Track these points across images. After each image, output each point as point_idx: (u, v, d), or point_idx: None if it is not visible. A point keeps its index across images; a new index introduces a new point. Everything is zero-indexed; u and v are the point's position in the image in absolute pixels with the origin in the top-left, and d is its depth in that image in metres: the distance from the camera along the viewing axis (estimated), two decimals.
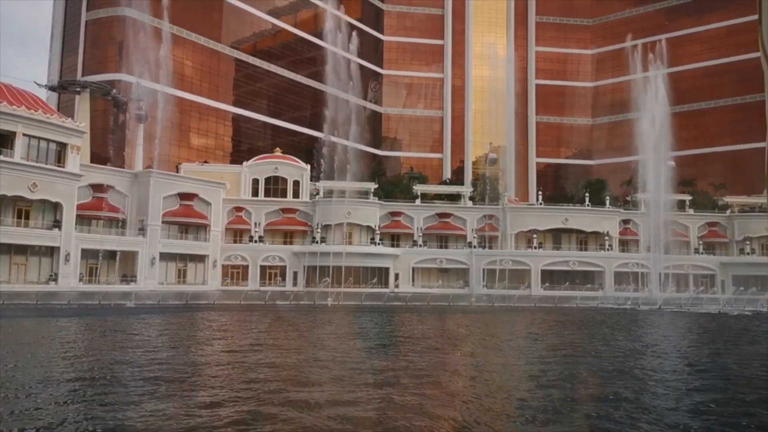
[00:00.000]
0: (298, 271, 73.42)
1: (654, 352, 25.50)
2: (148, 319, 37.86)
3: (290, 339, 28.74)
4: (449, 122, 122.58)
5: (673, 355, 24.60)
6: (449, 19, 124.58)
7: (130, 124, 78.69)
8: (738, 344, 29.04)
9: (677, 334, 35.05)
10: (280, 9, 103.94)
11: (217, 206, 71.45)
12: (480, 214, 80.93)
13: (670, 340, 30.93)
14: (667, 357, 23.95)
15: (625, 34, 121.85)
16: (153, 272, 63.93)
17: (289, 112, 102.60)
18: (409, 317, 43.94)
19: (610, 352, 24.78)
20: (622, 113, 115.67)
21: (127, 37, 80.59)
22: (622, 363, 21.37)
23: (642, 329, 37.31)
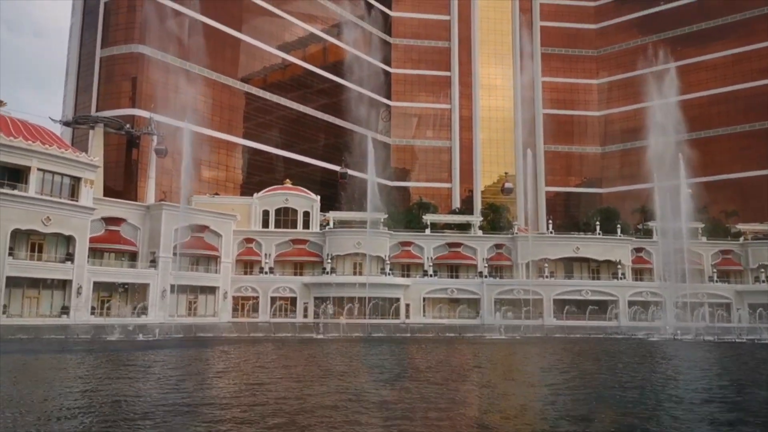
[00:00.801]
0: (309, 302, 73.13)
1: (682, 384, 24.89)
2: (158, 354, 37.70)
3: (294, 374, 28.44)
4: (457, 152, 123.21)
5: (706, 392, 23.84)
6: (455, 51, 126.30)
7: (142, 157, 79.71)
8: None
9: (700, 365, 34.33)
10: (289, 44, 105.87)
11: (228, 238, 71.69)
12: (490, 243, 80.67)
13: (694, 372, 30.18)
14: (701, 392, 23.36)
15: (630, 63, 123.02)
16: (164, 304, 63.84)
17: (298, 144, 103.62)
18: (425, 348, 43.46)
19: (635, 384, 24.18)
20: (630, 141, 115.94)
21: (141, 73, 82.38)
22: (655, 397, 20.93)
23: (663, 360, 36.58)
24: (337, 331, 59.84)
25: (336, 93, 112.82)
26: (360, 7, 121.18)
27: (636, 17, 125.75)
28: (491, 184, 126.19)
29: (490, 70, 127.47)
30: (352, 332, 59.92)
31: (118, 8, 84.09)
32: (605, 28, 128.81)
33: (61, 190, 55.92)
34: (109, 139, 77.04)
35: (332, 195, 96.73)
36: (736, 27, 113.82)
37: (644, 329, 65.39)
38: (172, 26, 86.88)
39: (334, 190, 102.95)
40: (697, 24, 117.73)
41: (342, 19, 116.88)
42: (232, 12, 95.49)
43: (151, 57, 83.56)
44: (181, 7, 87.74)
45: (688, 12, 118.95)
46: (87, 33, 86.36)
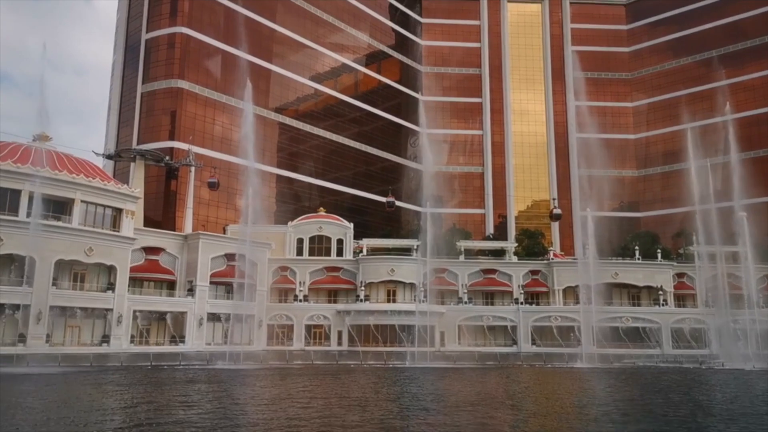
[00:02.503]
0: (342, 330, 72.94)
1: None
2: (200, 383, 37.98)
3: (342, 402, 28.25)
4: (490, 178, 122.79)
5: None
6: (486, 78, 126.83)
7: (180, 188, 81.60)
8: None
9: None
10: (321, 74, 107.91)
11: (263, 266, 72.34)
12: (526, 269, 79.59)
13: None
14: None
15: (665, 85, 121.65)
16: (201, 333, 64.58)
17: (331, 172, 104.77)
18: (467, 377, 42.67)
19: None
20: (669, 164, 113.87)
21: (179, 107, 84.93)
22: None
23: (721, 391, 34.83)
24: (376, 359, 59.44)
25: (367, 121, 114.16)
26: (390, 37, 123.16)
27: (669, 39, 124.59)
28: (525, 209, 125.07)
29: (521, 95, 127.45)
30: (388, 360, 59.45)
31: (158, 45, 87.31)
32: (638, 51, 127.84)
33: (103, 221, 57.54)
34: (149, 171, 79.29)
35: (365, 222, 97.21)
36: None
37: (690, 357, 63.18)
38: (209, 61, 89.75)
39: (367, 218, 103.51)
40: (733, 45, 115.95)
41: (373, 49, 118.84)
42: (265, 45, 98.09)
43: (189, 91, 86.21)
44: (217, 42, 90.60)
45: (723, 33, 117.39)
46: (128, 70, 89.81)
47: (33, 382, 34.30)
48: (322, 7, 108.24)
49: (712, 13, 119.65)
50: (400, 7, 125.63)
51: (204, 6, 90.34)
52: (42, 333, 50.79)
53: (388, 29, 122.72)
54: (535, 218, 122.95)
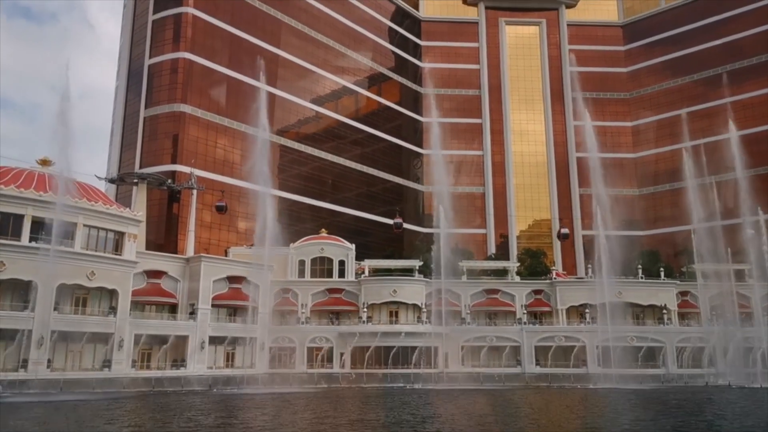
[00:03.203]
0: (345, 352, 72.35)
1: None
2: (205, 408, 37.68)
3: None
4: (491, 198, 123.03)
5: None
6: (486, 99, 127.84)
7: (182, 211, 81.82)
8: None
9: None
10: (322, 97, 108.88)
11: (265, 288, 72.06)
12: (528, 289, 79.28)
13: None
14: None
15: (663, 105, 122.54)
16: (202, 356, 64.09)
17: (332, 194, 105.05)
18: (490, 398, 42.18)
19: None
20: (669, 182, 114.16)
21: (182, 131, 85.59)
22: None
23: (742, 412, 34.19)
24: (379, 381, 59.02)
25: (368, 143, 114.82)
26: (391, 59, 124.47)
27: (666, 59, 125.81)
28: (526, 228, 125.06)
29: (521, 116, 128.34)
30: (392, 383, 59.03)
31: (161, 70, 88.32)
32: (636, 71, 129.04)
33: (105, 245, 57.51)
34: (151, 195, 79.58)
35: (367, 243, 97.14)
36: None
37: (696, 377, 62.65)
38: (211, 85, 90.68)
39: (369, 239, 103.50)
40: (730, 64, 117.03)
41: (373, 72, 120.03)
42: (266, 69, 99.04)
43: (191, 115, 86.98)
44: (219, 67, 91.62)
45: (719, 52, 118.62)
46: (131, 94, 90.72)
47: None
48: (323, 31, 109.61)
49: (708, 33, 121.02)
50: (399, 31, 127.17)
51: (206, 31, 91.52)
52: (43, 358, 50.46)
53: (388, 52, 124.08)
54: (537, 237, 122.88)
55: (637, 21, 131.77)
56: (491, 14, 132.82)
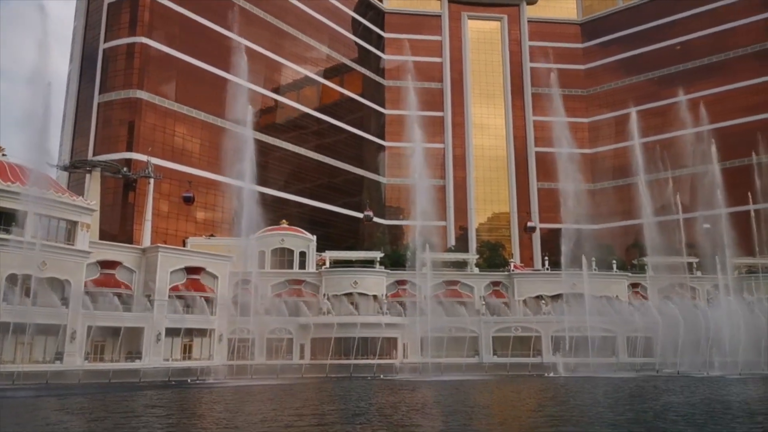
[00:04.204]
0: (305, 344, 72.20)
1: None
2: (158, 397, 37.13)
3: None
4: (451, 190, 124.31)
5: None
6: (448, 92, 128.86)
7: (138, 200, 79.94)
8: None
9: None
10: (284, 86, 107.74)
11: (224, 279, 71.20)
12: (487, 281, 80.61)
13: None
14: None
15: (617, 102, 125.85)
16: (159, 348, 62.97)
17: (293, 185, 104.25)
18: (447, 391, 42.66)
19: None
20: (621, 178, 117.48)
21: (138, 117, 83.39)
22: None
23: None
24: (340, 372, 59.21)
25: (330, 134, 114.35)
26: (353, 50, 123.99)
27: (622, 58, 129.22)
28: (485, 221, 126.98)
29: (482, 110, 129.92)
30: (355, 373, 59.27)
31: (117, 55, 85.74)
32: (593, 69, 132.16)
33: (57, 235, 55.77)
34: (105, 183, 77.42)
35: (328, 234, 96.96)
36: (719, 67, 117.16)
37: (648, 365, 65.05)
38: (169, 71, 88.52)
39: (330, 230, 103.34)
40: (683, 64, 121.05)
41: (335, 62, 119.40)
42: (226, 56, 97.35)
43: (148, 101, 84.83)
44: (178, 53, 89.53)
45: (672, 53, 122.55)
46: (85, 79, 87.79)
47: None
48: (286, 20, 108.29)
49: (662, 34, 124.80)
50: (363, 22, 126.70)
51: (164, 16, 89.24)
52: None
53: (351, 43, 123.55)
54: (496, 230, 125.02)
55: (595, 19, 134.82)
56: (454, 8, 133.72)
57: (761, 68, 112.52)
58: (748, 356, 60.20)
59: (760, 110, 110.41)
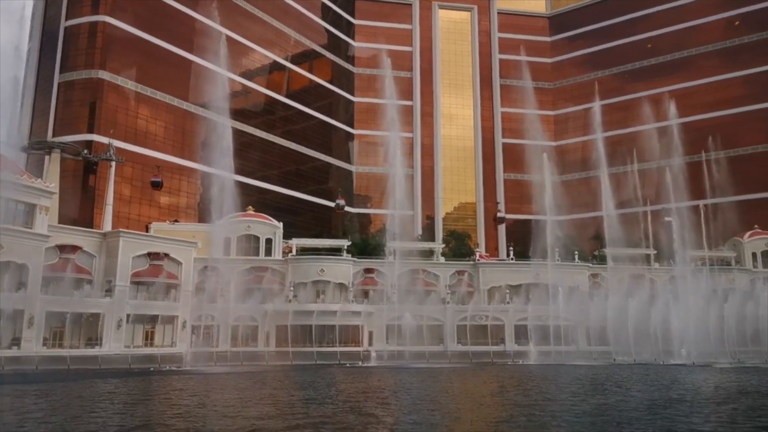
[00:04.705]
0: (270, 331, 71.90)
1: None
2: (120, 386, 36.59)
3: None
4: (419, 180, 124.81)
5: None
6: (417, 82, 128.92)
7: (99, 184, 77.98)
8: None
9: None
10: (252, 71, 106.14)
11: (188, 266, 70.30)
12: (453, 270, 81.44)
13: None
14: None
15: (583, 96, 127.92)
16: (120, 335, 61.96)
17: (260, 171, 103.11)
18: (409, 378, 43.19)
19: None
20: (585, 171, 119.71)
21: (100, 99, 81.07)
22: None
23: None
24: (305, 359, 59.24)
25: (298, 120, 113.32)
26: (323, 36, 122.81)
27: (588, 53, 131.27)
28: (452, 211, 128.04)
29: (451, 100, 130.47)
30: (321, 360, 59.40)
31: (79, 34, 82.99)
32: (560, 62, 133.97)
33: (15, 218, 54.12)
34: (65, 165, 75.19)
35: (294, 222, 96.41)
36: (682, 63, 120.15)
37: (606, 354, 66.82)
38: (133, 52, 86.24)
39: (297, 217, 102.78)
40: (647, 60, 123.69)
41: (305, 48, 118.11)
42: (193, 39, 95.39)
43: (111, 82, 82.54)
44: (142, 33, 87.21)
45: (638, 49, 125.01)
46: (45, 58, 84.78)
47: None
48: (254, 3, 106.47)
49: (627, 30, 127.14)
50: (333, 8, 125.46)
51: None
52: None
53: (321, 29, 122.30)
54: (462, 220, 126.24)
55: (563, 13, 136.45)
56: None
57: (723, 66, 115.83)
58: (704, 346, 62.21)
59: (721, 107, 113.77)
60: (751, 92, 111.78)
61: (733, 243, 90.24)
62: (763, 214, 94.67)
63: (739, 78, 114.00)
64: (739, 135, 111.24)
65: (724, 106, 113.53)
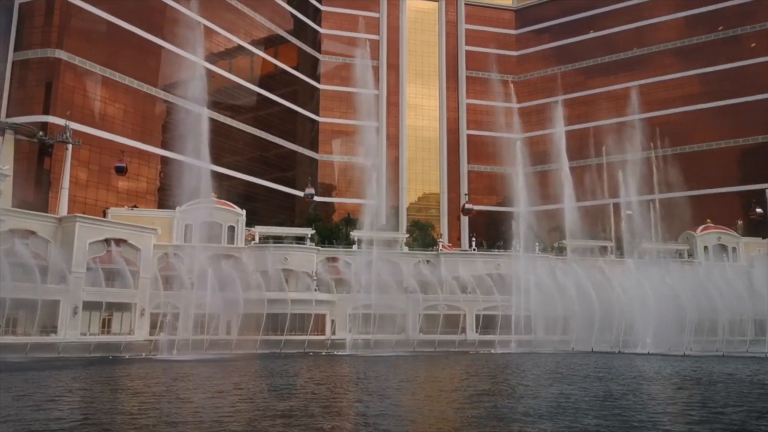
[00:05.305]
0: (233, 319, 71.09)
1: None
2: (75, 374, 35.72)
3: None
4: (384, 169, 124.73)
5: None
6: (384, 71, 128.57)
7: (55, 167, 75.40)
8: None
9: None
10: (215, 55, 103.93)
11: (147, 252, 68.92)
12: (416, 259, 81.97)
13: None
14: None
15: (546, 90, 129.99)
16: (75, 322, 60.41)
17: (223, 157, 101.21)
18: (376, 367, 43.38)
19: None
20: (546, 163, 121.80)
21: (57, 79, 78.16)
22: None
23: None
24: (269, 347, 58.85)
25: (262, 107, 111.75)
26: (289, 22, 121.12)
27: (552, 47, 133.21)
28: (416, 201, 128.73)
29: (417, 90, 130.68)
30: (284, 349, 59.13)
31: (35, 11, 79.59)
32: (525, 56, 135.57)
33: None
34: (19, 147, 72.49)
35: (257, 209, 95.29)
36: (642, 60, 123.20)
37: (564, 342, 68.49)
38: (93, 32, 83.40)
39: (260, 205, 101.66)
40: (608, 56, 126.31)
41: (270, 33, 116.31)
42: (155, 20, 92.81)
43: (68, 62, 79.61)
44: (103, 13, 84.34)
45: (599, 45, 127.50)
46: None
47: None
48: None
49: (591, 26, 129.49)
50: None
51: None
52: None
53: (287, 14, 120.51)
54: (426, 210, 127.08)
55: (529, 7, 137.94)
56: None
57: (680, 64, 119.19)
58: (664, 337, 64.11)
59: (678, 104, 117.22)
60: (707, 90, 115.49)
61: (687, 236, 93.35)
62: (715, 209, 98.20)
63: (695, 76, 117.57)
64: (694, 132, 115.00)
65: (680, 102, 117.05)
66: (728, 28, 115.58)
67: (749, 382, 32.67)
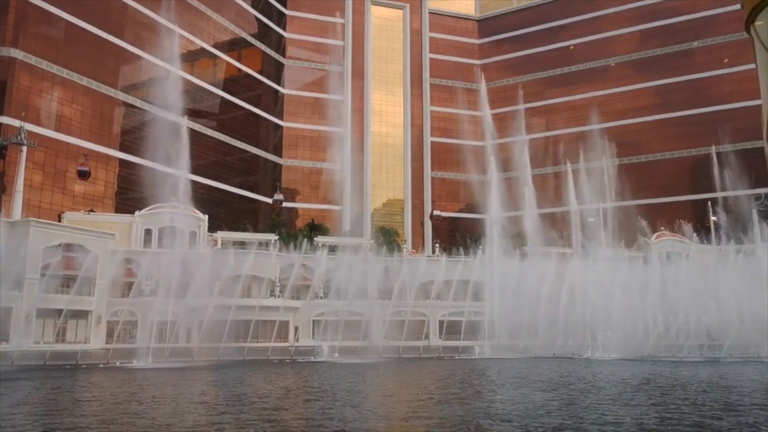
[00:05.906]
0: (193, 327, 69.67)
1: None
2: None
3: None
4: (348, 175, 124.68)
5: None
6: (349, 77, 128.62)
7: (8, 169, 72.72)
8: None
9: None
10: (178, 57, 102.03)
11: (104, 258, 67.08)
12: (381, 265, 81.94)
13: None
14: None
15: (508, 99, 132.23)
16: (28, 330, 58.34)
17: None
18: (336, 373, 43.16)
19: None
20: (508, 171, 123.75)
21: (11, 78, 75.49)
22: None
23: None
24: (232, 355, 57.93)
25: (225, 110, 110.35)
26: (253, 25, 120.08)
27: (513, 57, 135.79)
28: (380, 207, 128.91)
29: (381, 96, 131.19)
30: (249, 356, 58.30)
31: None
32: (487, 65, 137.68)
33: None
34: None
35: (219, 214, 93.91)
36: (600, 72, 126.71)
37: (529, 348, 69.36)
38: (50, 31, 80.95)
39: (222, 210, 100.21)
40: (567, 67, 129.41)
41: (234, 36, 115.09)
42: (116, 20, 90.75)
43: (24, 61, 77.01)
44: (62, 12, 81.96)
45: (559, 56, 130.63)
46: None
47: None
48: None
49: (550, 37, 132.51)
50: None
51: None
52: None
53: (251, 17, 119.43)
54: (390, 216, 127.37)
55: (491, 18, 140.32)
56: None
57: (636, 76, 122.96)
58: (628, 341, 65.38)
59: (634, 114, 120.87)
60: (661, 102, 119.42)
61: (642, 244, 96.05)
62: (670, 217, 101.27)
63: (650, 88, 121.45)
64: (649, 141, 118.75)
65: (637, 113, 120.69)
66: (681, 42, 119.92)
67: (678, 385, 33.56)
